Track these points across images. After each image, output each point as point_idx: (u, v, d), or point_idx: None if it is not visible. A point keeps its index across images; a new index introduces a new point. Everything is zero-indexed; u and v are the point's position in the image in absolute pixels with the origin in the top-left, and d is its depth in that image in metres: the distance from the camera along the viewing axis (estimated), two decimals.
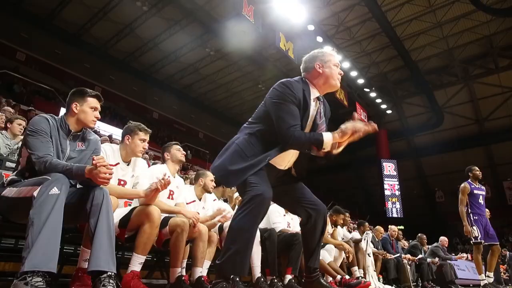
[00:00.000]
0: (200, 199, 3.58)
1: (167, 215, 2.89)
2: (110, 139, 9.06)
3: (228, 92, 23.37)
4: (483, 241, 5.34)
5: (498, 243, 5.50)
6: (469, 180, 5.83)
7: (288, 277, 3.75)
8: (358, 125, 2.14)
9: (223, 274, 2.03)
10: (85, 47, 19.21)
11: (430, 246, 8.68)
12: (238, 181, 2.09)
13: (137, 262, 2.49)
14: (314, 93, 2.35)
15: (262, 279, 3.40)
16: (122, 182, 2.73)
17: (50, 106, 13.99)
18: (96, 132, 12.79)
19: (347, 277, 4.63)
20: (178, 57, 20.23)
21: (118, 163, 2.71)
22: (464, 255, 10.00)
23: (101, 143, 2.68)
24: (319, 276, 2.39)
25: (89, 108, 2.23)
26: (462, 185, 5.84)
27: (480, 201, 5.64)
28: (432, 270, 7.97)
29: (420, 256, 7.65)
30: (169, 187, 3.11)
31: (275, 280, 3.55)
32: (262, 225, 4.18)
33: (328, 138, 2.10)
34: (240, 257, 2.01)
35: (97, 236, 1.89)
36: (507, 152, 24.88)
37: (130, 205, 3.02)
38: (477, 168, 5.91)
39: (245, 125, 2.35)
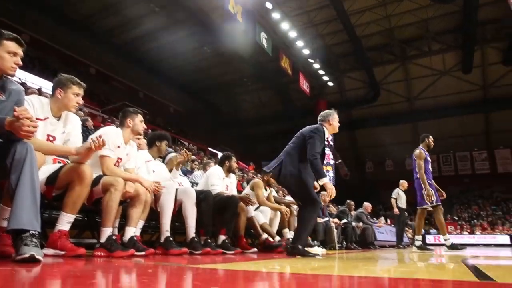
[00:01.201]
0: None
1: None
2: (40, 93, 8.34)
3: (171, 52, 22.35)
4: (440, 203, 5.78)
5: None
6: (421, 147, 6.05)
7: (222, 237, 3.87)
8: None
9: None
10: None
11: (356, 212, 9.44)
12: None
13: (65, 221, 2.38)
14: (327, 134, 3.93)
15: (196, 239, 3.47)
16: (51, 138, 2.54)
17: None
18: (23, 84, 11.69)
19: (277, 238, 4.85)
20: (120, 10, 18.74)
21: (47, 118, 2.50)
22: (382, 220, 11.32)
23: (29, 96, 2.46)
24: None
25: (6, 52, 1.99)
26: (417, 151, 6.00)
27: (429, 167, 6.00)
28: (356, 233, 8.74)
29: (344, 220, 8.29)
30: (118, 154, 2.98)
31: (209, 241, 3.64)
32: (199, 186, 4.22)
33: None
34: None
35: (18, 193, 1.77)
36: (431, 129, 27.28)
37: (59, 162, 2.84)
38: (431, 138, 6.14)
39: None
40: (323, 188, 3.86)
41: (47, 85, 12.89)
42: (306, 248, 3.71)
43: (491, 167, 28.40)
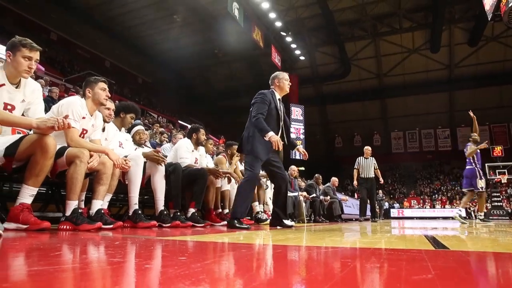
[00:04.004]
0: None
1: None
2: None
3: (140, 19, 21.35)
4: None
5: None
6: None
7: (191, 210, 3.88)
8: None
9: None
10: None
11: (323, 186, 9.69)
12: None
13: (27, 194, 2.29)
14: (277, 96, 4.04)
15: (165, 212, 3.46)
16: (9, 107, 2.39)
17: None
18: None
19: (225, 211, 4.86)
20: None
21: (3, 84, 2.34)
22: (346, 197, 11.39)
23: None
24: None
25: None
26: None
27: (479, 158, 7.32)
28: (324, 207, 9.01)
29: (313, 194, 8.50)
30: (83, 125, 2.84)
31: (178, 214, 3.64)
32: (169, 159, 4.17)
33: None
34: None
35: None
36: (397, 106, 28.09)
37: (19, 132, 2.69)
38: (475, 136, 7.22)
39: None
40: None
41: (1, 50, 12.05)
42: (284, 221, 3.94)
43: (452, 145, 29.81)
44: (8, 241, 1.68)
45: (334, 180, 9.85)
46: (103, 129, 3.28)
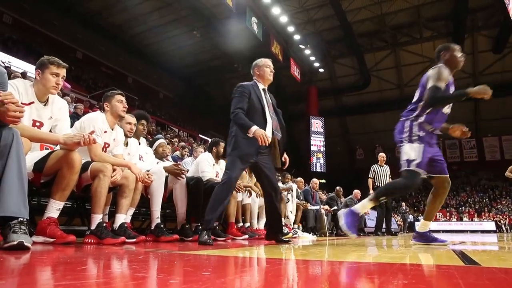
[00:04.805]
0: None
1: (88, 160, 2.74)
2: (24, 77, 8.15)
3: (160, 36, 21.95)
4: None
5: None
6: None
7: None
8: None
9: None
10: None
11: (345, 199, 9.52)
12: None
13: (54, 209, 2.35)
14: (261, 86, 3.52)
15: (187, 226, 3.47)
16: (37, 124, 2.48)
17: None
18: (7, 68, 11.41)
19: (246, 224, 4.86)
20: None
21: (32, 102, 2.44)
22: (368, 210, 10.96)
23: (13, 80, 2.39)
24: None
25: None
26: None
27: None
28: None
29: (335, 207, 8.36)
30: (105, 139, 2.93)
31: (200, 227, 3.64)
32: (190, 173, 4.21)
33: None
34: None
35: (5, 179, 1.74)
36: None
37: (47, 148, 2.79)
38: None
39: None
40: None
41: (32, 69, 12.61)
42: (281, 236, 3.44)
43: (479, 155, 28.88)
44: (36, 254, 1.72)
45: (356, 192, 9.65)
46: (126, 144, 3.34)
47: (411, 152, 3.31)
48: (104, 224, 2.65)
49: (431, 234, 3.62)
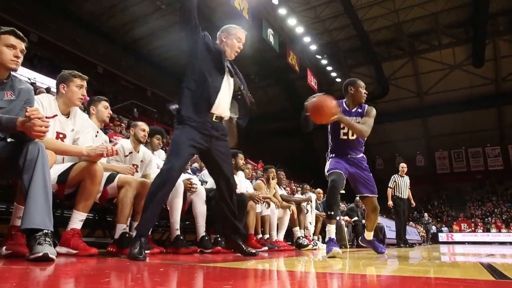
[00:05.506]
0: (138, 151, 3.40)
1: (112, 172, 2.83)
2: (48, 92, 8.43)
3: (178, 50, 22.36)
4: None
5: None
6: None
7: None
8: None
9: None
10: None
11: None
12: None
13: (77, 220, 2.41)
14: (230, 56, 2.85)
15: (206, 238, 3.47)
16: (61, 136, 2.57)
17: None
18: (32, 84, 11.81)
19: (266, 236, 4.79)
20: (128, 7, 18.85)
21: (56, 115, 2.54)
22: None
23: (38, 95, 2.48)
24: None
25: (4, 46, 1.98)
26: None
27: None
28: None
29: (355, 218, 8.21)
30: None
31: (219, 239, 3.64)
32: (209, 184, 4.22)
33: None
34: None
35: (31, 192, 1.79)
36: (441, 125, 26.94)
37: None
38: None
39: None
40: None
41: (53, 84, 13.01)
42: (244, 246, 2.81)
43: (504, 163, 27.97)
44: (60, 266, 1.75)
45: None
46: (138, 151, 3.43)
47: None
48: (127, 235, 2.70)
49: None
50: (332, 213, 3.32)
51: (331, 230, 3.29)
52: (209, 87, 2.52)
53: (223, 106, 2.62)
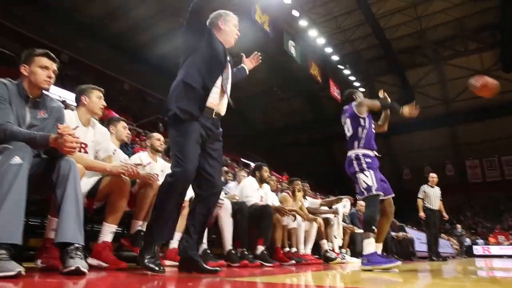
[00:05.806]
0: (156, 161, 3.63)
1: None
2: (66, 107, 8.73)
3: None
4: None
5: None
6: None
7: (260, 248, 3.83)
8: None
9: None
10: (49, 10, 18.04)
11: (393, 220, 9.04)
12: None
13: (108, 232, 2.48)
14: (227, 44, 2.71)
15: (233, 252, 3.46)
16: (83, 145, 2.69)
17: (11, 72, 13.17)
18: (63, 102, 12.27)
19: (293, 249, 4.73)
20: (150, 26, 19.48)
21: (77, 127, 2.66)
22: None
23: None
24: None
25: (38, 67, 2.07)
26: None
27: None
28: (395, 244, 8.39)
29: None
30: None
31: (246, 252, 3.62)
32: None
33: None
34: None
35: (64, 207, 1.84)
36: (471, 132, 26.06)
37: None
38: None
39: None
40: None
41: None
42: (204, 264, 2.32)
43: None
44: (92, 279, 1.78)
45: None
46: (156, 161, 3.60)
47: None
48: (141, 233, 2.78)
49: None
50: (375, 228, 3.41)
51: (371, 243, 3.31)
52: (209, 83, 2.46)
53: (222, 102, 2.61)
